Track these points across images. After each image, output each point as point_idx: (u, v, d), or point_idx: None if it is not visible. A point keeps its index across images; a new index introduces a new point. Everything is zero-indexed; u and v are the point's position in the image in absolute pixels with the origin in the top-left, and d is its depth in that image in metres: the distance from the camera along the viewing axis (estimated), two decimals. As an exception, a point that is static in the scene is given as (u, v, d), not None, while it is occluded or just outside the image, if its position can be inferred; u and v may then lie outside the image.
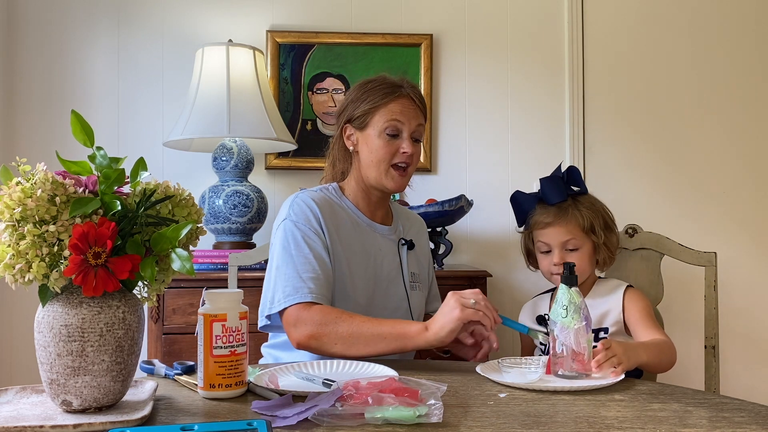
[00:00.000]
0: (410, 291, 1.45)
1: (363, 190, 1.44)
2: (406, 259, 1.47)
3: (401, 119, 1.37)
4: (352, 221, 1.41)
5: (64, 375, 0.82)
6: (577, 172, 1.54)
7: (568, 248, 1.46)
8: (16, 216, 0.80)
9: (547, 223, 1.47)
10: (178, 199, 0.92)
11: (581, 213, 1.47)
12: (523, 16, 2.37)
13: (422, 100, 1.43)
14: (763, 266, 2.37)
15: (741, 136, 2.39)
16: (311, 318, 1.22)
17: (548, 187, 1.50)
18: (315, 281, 1.27)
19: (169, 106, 2.26)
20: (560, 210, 1.47)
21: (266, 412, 0.85)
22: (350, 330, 1.20)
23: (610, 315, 1.45)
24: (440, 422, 0.82)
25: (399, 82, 1.41)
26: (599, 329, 1.45)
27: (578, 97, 2.35)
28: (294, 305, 1.25)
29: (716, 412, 0.90)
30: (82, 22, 2.25)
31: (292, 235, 1.33)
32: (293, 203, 1.37)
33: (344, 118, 1.43)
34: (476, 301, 1.16)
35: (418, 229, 1.58)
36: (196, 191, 2.08)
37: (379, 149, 1.37)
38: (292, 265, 1.29)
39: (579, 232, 1.47)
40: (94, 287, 0.80)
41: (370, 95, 1.39)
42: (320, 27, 2.31)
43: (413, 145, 1.39)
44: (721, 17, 2.40)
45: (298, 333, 1.23)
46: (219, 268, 1.90)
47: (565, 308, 1.10)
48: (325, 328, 1.21)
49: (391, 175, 1.38)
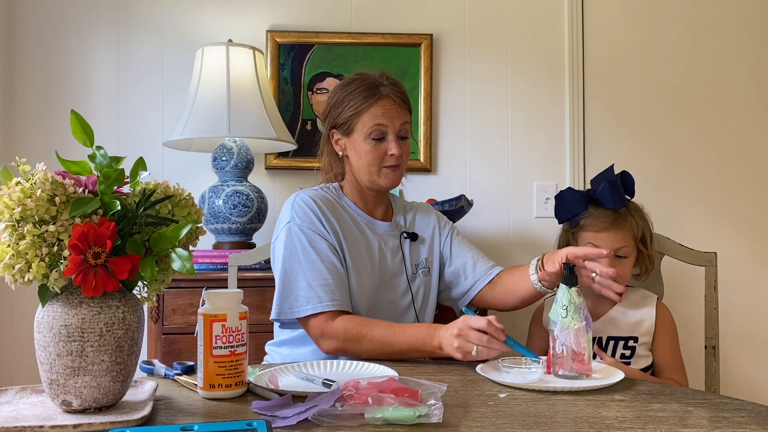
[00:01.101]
0: (413, 283, 1.46)
1: (359, 190, 1.46)
2: (409, 252, 1.48)
3: (384, 122, 1.37)
4: (353, 219, 1.43)
5: (64, 375, 0.82)
6: (631, 178, 1.52)
7: (617, 255, 1.45)
8: (15, 216, 0.80)
9: (604, 228, 1.45)
10: (177, 199, 0.92)
11: (636, 222, 1.47)
12: (523, 16, 2.37)
13: (404, 97, 1.42)
14: (763, 266, 2.37)
15: (741, 136, 2.39)
16: (335, 333, 1.27)
17: (609, 191, 1.46)
18: (325, 288, 1.29)
19: (169, 106, 2.26)
20: (618, 216, 1.46)
21: (266, 413, 0.85)
22: (372, 347, 1.25)
23: (643, 326, 1.46)
24: (440, 422, 0.82)
25: (378, 80, 1.40)
26: (629, 338, 1.46)
27: (578, 98, 2.35)
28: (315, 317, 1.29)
29: (716, 412, 0.90)
30: (82, 22, 2.25)
31: (298, 240, 1.34)
32: (294, 204, 1.38)
33: (329, 124, 1.44)
34: (478, 350, 1.12)
35: (422, 217, 1.54)
36: (196, 191, 2.08)
37: (366, 154, 1.39)
38: (302, 272, 1.31)
39: (631, 240, 1.46)
40: (94, 287, 0.80)
41: (350, 100, 1.39)
42: (320, 27, 2.31)
43: (400, 145, 1.39)
44: (721, 17, 2.40)
45: (325, 345, 1.29)
46: (219, 268, 1.90)
47: (565, 308, 1.10)
48: (348, 345, 1.26)
49: (384, 173, 1.40)
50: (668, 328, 1.48)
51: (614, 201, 1.46)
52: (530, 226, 2.35)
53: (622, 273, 1.44)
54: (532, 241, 2.34)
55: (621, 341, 1.46)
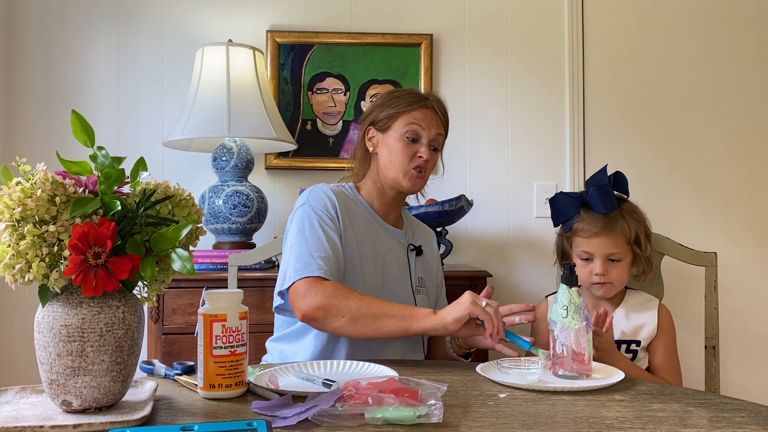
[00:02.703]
0: (417, 294, 1.47)
1: (379, 189, 1.48)
2: (414, 264, 1.49)
3: (422, 125, 1.42)
4: (365, 218, 1.45)
5: (64, 375, 0.82)
6: (624, 178, 1.50)
7: (610, 259, 1.44)
8: (16, 216, 0.80)
9: (594, 233, 1.43)
10: (178, 199, 0.92)
11: (628, 224, 1.45)
12: (523, 15, 2.37)
13: (446, 115, 1.47)
14: (763, 266, 2.37)
15: (741, 136, 2.39)
16: (323, 290, 1.24)
17: (599, 195, 1.45)
18: (325, 260, 1.30)
19: (169, 106, 2.26)
20: (608, 220, 1.44)
21: (266, 413, 0.85)
22: (360, 305, 1.22)
23: (645, 329, 1.46)
24: (440, 422, 0.82)
25: (426, 95, 1.47)
26: (632, 341, 1.46)
27: (578, 97, 2.35)
28: (304, 279, 1.27)
29: (716, 412, 0.90)
30: (82, 22, 2.25)
31: (308, 218, 1.37)
32: (312, 191, 1.42)
33: (368, 121, 1.49)
34: (488, 304, 1.16)
35: (427, 239, 1.60)
36: (196, 191, 2.08)
37: (398, 152, 1.41)
38: (305, 244, 1.33)
39: (624, 244, 1.44)
40: (94, 287, 0.80)
41: (396, 101, 1.45)
42: (320, 27, 2.31)
43: (430, 152, 1.42)
44: (721, 17, 2.40)
45: (305, 303, 1.24)
46: (219, 268, 1.90)
47: (565, 308, 1.10)
48: (334, 300, 1.22)
49: (410, 174, 1.42)
50: (668, 331, 1.47)
51: (605, 205, 1.44)
52: (530, 227, 2.35)
53: (618, 276, 1.44)
54: (532, 241, 2.34)
55: (623, 344, 1.45)
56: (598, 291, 1.46)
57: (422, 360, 1.47)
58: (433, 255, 1.59)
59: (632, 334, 1.46)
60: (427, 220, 1.80)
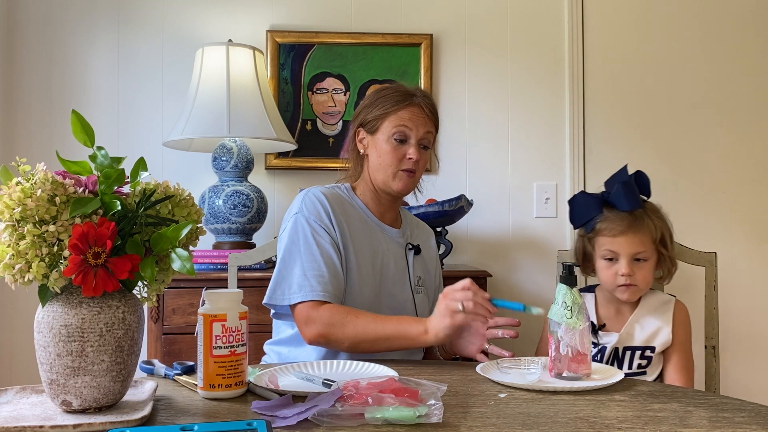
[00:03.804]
0: (415, 294, 1.47)
1: (372, 191, 1.47)
2: (413, 263, 1.49)
3: (409, 125, 1.40)
4: (361, 219, 1.44)
5: (64, 375, 0.82)
6: (646, 178, 1.46)
7: (636, 258, 1.40)
8: (16, 216, 0.80)
9: (620, 232, 1.39)
10: (177, 199, 0.92)
11: (654, 223, 1.41)
12: (523, 15, 2.37)
13: (434, 111, 1.46)
14: (763, 266, 2.37)
15: (741, 135, 2.39)
16: (320, 318, 1.27)
17: (623, 193, 1.40)
18: (319, 279, 1.30)
19: (169, 106, 2.26)
20: (634, 218, 1.40)
21: (266, 413, 0.85)
22: (356, 331, 1.25)
23: (660, 335, 1.42)
24: (440, 422, 0.82)
25: (412, 91, 1.44)
26: (646, 347, 1.42)
27: (578, 97, 2.35)
28: (304, 303, 1.29)
29: (716, 412, 0.90)
30: (82, 22, 2.25)
31: (302, 230, 1.36)
32: (305, 198, 1.40)
33: (357, 123, 1.48)
34: (464, 306, 1.17)
35: (426, 238, 1.59)
36: (196, 191, 2.08)
37: (386, 154, 1.40)
38: (299, 261, 1.33)
39: (650, 243, 1.40)
40: (94, 287, 0.80)
41: (382, 101, 1.43)
42: (320, 27, 2.31)
43: (420, 152, 1.41)
44: (721, 17, 2.40)
45: (308, 331, 1.29)
46: (219, 268, 1.90)
47: (569, 309, 1.09)
48: (332, 329, 1.26)
49: (399, 176, 1.41)
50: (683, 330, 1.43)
51: (629, 203, 1.40)
52: (530, 226, 2.35)
53: (643, 278, 1.40)
54: (533, 241, 2.34)
55: (638, 351, 1.42)
56: (623, 294, 1.41)
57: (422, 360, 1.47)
58: (431, 253, 1.58)
59: (645, 341, 1.42)
60: (427, 220, 1.80)
